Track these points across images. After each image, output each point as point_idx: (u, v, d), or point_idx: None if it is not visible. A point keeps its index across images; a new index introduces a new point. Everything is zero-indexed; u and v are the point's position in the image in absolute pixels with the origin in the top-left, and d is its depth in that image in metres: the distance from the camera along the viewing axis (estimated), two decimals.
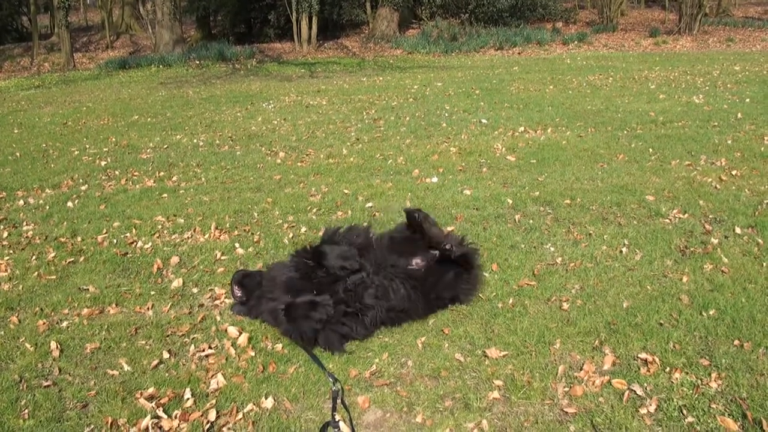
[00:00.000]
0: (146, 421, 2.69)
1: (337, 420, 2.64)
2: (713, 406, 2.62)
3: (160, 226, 5.11)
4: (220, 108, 11.16)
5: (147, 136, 8.94)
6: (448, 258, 3.49)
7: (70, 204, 5.85)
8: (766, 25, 22.46)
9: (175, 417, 2.73)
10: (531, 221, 4.78)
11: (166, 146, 8.20)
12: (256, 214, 5.27)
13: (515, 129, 7.97)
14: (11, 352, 3.33)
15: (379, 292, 3.29)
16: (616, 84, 11.71)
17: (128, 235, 4.95)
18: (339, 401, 2.76)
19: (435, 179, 5.99)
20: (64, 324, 3.59)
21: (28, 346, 3.36)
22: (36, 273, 4.31)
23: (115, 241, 4.86)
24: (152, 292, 3.95)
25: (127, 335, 3.44)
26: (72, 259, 4.54)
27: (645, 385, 2.77)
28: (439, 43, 21.19)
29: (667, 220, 4.65)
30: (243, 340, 3.31)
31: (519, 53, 20.07)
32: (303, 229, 4.86)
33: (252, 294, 3.52)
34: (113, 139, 8.78)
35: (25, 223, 5.39)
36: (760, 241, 4.19)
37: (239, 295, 3.56)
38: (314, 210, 5.30)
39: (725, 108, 8.71)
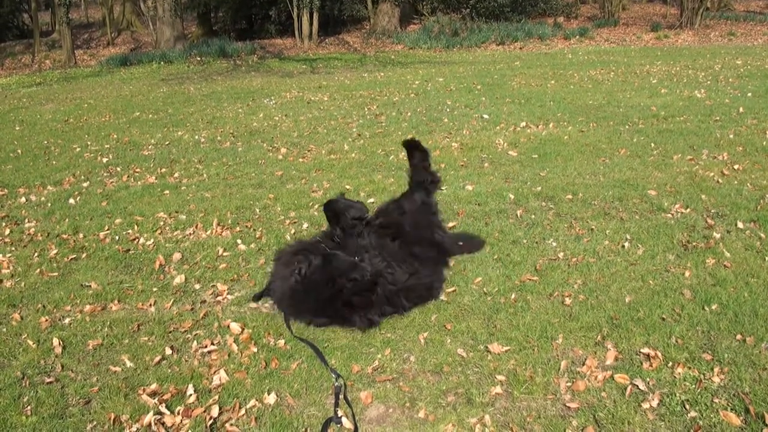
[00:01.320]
0: (149, 417, 2.70)
1: (339, 416, 2.64)
2: (716, 400, 2.62)
3: (161, 223, 5.11)
4: (222, 104, 11.15)
5: (148, 132, 8.94)
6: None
7: (71, 201, 5.86)
8: (767, 19, 22.37)
9: (178, 413, 2.73)
10: (533, 216, 4.77)
11: (167, 143, 8.20)
12: (258, 210, 5.27)
13: (517, 124, 7.95)
14: (13, 348, 3.34)
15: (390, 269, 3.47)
16: (617, 79, 11.67)
17: (130, 231, 4.95)
18: (341, 397, 2.76)
19: None
20: (67, 321, 3.60)
21: (30, 342, 3.37)
22: (38, 270, 4.31)
23: (117, 237, 4.87)
24: (154, 289, 3.96)
25: (130, 332, 3.45)
26: (74, 255, 4.54)
27: (647, 379, 2.77)
28: (440, 39, 21.14)
29: (669, 215, 4.64)
30: (245, 336, 3.31)
31: (520, 48, 20.01)
32: (305, 225, 4.86)
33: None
34: (115, 136, 8.78)
35: (27, 220, 5.40)
36: (762, 235, 4.18)
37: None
38: (316, 206, 5.30)
39: (727, 102, 8.69)
